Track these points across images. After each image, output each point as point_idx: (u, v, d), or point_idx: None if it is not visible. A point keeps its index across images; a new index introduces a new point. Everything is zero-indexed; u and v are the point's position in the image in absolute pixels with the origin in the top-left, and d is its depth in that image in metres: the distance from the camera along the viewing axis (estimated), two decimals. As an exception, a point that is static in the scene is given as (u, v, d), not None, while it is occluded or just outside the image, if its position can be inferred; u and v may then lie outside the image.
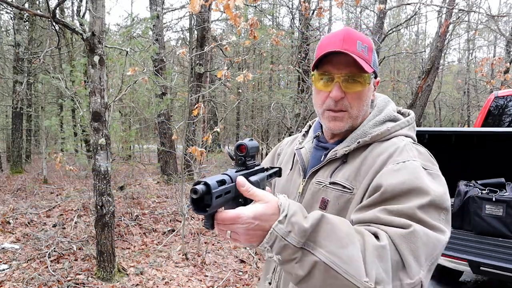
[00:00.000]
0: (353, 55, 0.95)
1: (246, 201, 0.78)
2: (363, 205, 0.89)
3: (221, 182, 0.72)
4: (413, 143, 1.00)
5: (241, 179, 0.74)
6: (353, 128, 1.05)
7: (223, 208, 0.73)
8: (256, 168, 0.91)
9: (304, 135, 1.23)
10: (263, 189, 0.84)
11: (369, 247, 0.74)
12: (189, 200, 0.70)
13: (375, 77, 1.05)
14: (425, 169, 0.91)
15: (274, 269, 1.11)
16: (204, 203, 0.70)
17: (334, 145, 1.06)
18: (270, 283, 1.11)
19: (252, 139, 0.89)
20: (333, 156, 1.03)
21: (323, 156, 1.07)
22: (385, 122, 1.05)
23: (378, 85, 1.10)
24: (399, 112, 1.14)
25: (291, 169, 1.17)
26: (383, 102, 1.11)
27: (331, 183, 1.00)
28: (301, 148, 1.17)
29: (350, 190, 0.97)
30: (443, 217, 0.86)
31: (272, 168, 1.01)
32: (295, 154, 1.17)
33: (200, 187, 0.68)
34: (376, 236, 0.78)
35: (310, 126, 1.25)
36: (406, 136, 1.02)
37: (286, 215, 0.73)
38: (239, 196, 0.77)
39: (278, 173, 1.03)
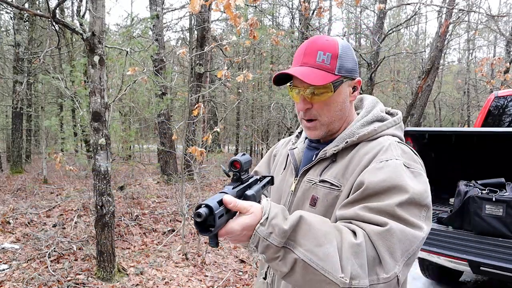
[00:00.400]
0: (298, 75, 1.00)
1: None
2: (347, 202, 0.94)
3: (221, 202, 0.78)
4: (399, 142, 1.04)
5: (226, 198, 0.78)
6: (332, 132, 1.10)
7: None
8: (251, 180, 0.97)
9: (298, 136, 1.29)
10: (259, 200, 0.92)
11: (345, 244, 0.80)
12: (194, 223, 0.75)
13: (352, 79, 1.08)
14: (407, 167, 0.95)
15: (268, 265, 1.16)
16: (207, 224, 0.75)
17: (325, 145, 1.11)
18: (265, 278, 1.18)
19: (244, 154, 0.95)
20: (323, 155, 1.08)
21: (314, 155, 1.12)
22: (372, 122, 1.09)
23: (360, 84, 1.12)
24: (387, 112, 1.17)
25: (284, 169, 1.23)
26: (372, 104, 1.15)
27: (320, 181, 1.06)
28: (294, 148, 1.22)
29: (338, 187, 1.02)
30: (424, 214, 0.90)
31: (264, 177, 1.08)
32: (288, 154, 1.23)
33: (203, 210, 0.73)
34: (354, 233, 0.84)
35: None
36: (392, 136, 1.06)
37: (267, 218, 0.80)
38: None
39: (271, 182, 1.10)
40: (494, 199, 2.86)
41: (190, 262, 4.33)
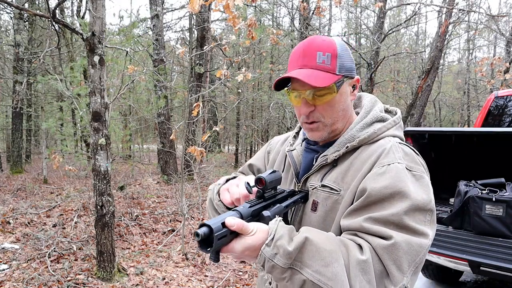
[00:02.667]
0: (300, 78, 0.97)
1: None
2: (350, 210, 0.94)
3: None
4: (400, 143, 1.02)
5: (229, 221, 0.78)
6: (335, 132, 1.08)
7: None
8: (279, 197, 0.98)
9: (295, 136, 1.25)
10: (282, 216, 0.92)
11: (352, 262, 0.81)
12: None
13: (352, 78, 1.06)
14: (410, 170, 0.94)
15: None
16: (209, 241, 0.76)
17: (324, 148, 1.09)
18: (270, 283, 1.15)
19: (274, 171, 0.95)
20: (323, 162, 1.06)
21: (314, 159, 1.10)
22: (372, 124, 1.07)
23: (359, 82, 1.11)
24: (386, 110, 1.15)
25: (283, 171, 1.21)
26: (370, 103, 1.12)
27: (321, 186, 1.05)
28: (292, 150, 1.19)
29: (337, 191, 1.01)
30: (429, 218, 0.90)
31: (300, 192, 1.07)
32: (286, 156, 1.20)
33: (202, 231, 0.74)
34: (360, 247, 0.85)
35: (300, 128, 1.26)
36: (393, 136, 1.05)
37: (272, 239, 0.80)
38: None
39: (306, 198, 1.08)
40: (494, 199, 2.86)
41: (190, 262, 4.33)
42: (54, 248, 4.42)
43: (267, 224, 0.84)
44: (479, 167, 3.63)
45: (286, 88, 1.08)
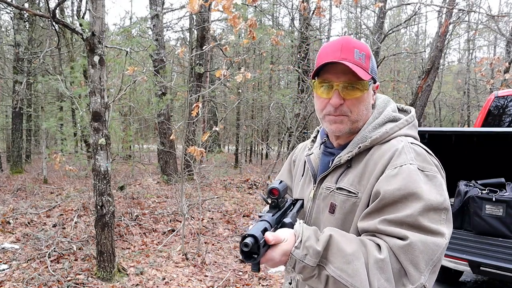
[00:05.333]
0: (349, 65, 0.99)
1: None
2: (366, 212, 0.96)
3: (264, 231, 0.86)
4: (411, 143, 1.02)
5: (269, 237, 0.84)
6: (353, 131, 1.09)
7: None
8: (287, 205, 1.04)
9: (313, 141, 1.28)
10: (294, 222, 0.97)
11: (371, 260, 0.85)
12: (240, 251, 0.83)
13: (374, 82, 1.10)
14: (422, 170, 0.95)
15: None
16: (250, 251, 0.82)
17: (339, 150, 1.11)
18: (290, 283, 1.21)
19: (281, 182, 1.01)
20: (337, 162, 1.09)
21: (330, 161, 1.12)
22: (384, 124, 1.08)
23: (377, 89, 1.14)
24: (401, 109, 1.16)
25: (303, 176, 1.24)
26: (383, 104, 1.14)
27: (337, 188, 1.06)
28: (310, 154, 1.22)
29: (355, 194, 1.02)
30: (444, 217, 0.90)
31: (297, 200, 1.15)
32: (305, 161, 1.23)
33: (249, 240, 0.80)
34: (379, 247, 0.88)
35: (318, 131, 1.29)
36: (405, 136, 1.05)
37: (301, 241, 0.86)
38: None
39: (302, 205, 1.15)
40: (494, 199, 2.86)
41: (190, 262, 4.33)
42: (54, 248, 4.42)
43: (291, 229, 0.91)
44: (479, 167, 3.63)
45: (314, 80, 1.10)
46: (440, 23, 9.48)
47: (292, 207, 1.07)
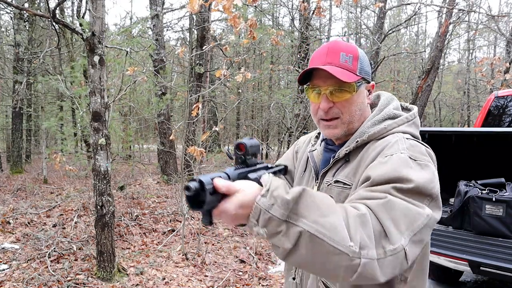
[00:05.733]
0: (328, 69, 1.02)
1: None
2: (352, 193, 0.96)
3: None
4: (407, 138, 1.02)
5: (217, 182, 0.75)
6: (350, 131, 1.11)
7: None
8: (259, 166, 0.94)
9: (317, 136, 1.30)
10: None
11: (351, 216, 0.78)
12: (185, 198, 0.72)
13: (368, 82, 1.11)
14: (414, 159, 0.94)
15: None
16: (199, 199, 0.72)
17: (340, 147, 1.13)
18: (294, 278, 1.20)
19: (252, 138, 0.93)
20: (337, 157, 1.11)
21: (331, 158, 1.14)
22: (383, 120, 1.09)
23: (374, 88, 1.15)
24: (404, 107, 1.18)
25: (305, 171, 1.26)
26: (386, 101, 1.15)
27: (335, 181, 1.08)
28: (313, 150, 1.25)
29: (349, 186, 1.04)
30: (427, 203, 0.88)
31: (277, 166, 1.09)
32: (308, 156, 1.25)
33: (193, 184, 0.71)
34: (357, 207, 0.82)
35: None
36: (403, 133, 1.05)
37: (268, 189, 0.76)
38: None
39: (284, 171, 1.11)
40: (494, 199, 2.86)
41: (190, 262, 4.33)
42: (54, 248, 4.42)
43: None
44: (479, 167, 3.63)
45: (306, 86, 1.12)
46: (440, 23, 9.48)
47: (268, 169, 0.98)
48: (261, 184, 0.81)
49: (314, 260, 0.76)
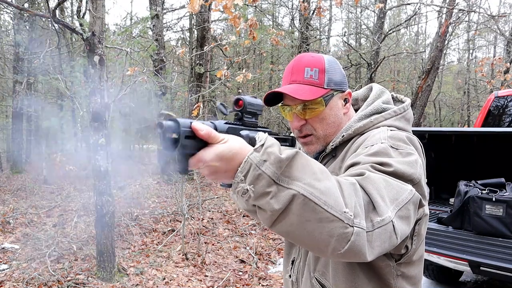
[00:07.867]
0: (288, 92, 1.00)
1: None
2: None
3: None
4: (391, 130, 1.00)
5: (196, 125, 0.67)
6: (328, 143, 1.11)
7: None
8: (258, 129, 0.85)
9: None
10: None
11: (343, 182, 0.74)
12: (159, 139, 0.65)
13: (343, 91, 1.08)
14: (396, 148, 0.92)
15: (292, 263, 1.19)
16: (175, 143, 0.65)
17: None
18: (290, 276, 1.19)
19: (255, 97, 0.87)
20: (324, 153, 1.11)
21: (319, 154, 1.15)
22: (371, 115, 1.08)
23: (351, 96, 1.12)
24: (397, 99, 1.15)
25: None
26: (375, 95, 1.13)
27: None
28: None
29: None
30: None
31: (283, 135, 1.06)
32: None
33: (166, 123, 0.63)
34: (346, 179, 0.79)
35: None
36: (389, 126, 1.03)
37: (263, 145, 0.70)
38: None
39: (290, 142, 1.08)
40: (494, 199, 2.86)
41: (190, 262, 4.33)
42: (54, 248, 4.42)
43: None
44: (479, 167, 3.63)
45: (280, 104, 1.11)
46: (440, 23, 9.48)
47: (267, 133, 0.84)
48: (252, 145, 0.73)
49: (304, 227, 0.69)
